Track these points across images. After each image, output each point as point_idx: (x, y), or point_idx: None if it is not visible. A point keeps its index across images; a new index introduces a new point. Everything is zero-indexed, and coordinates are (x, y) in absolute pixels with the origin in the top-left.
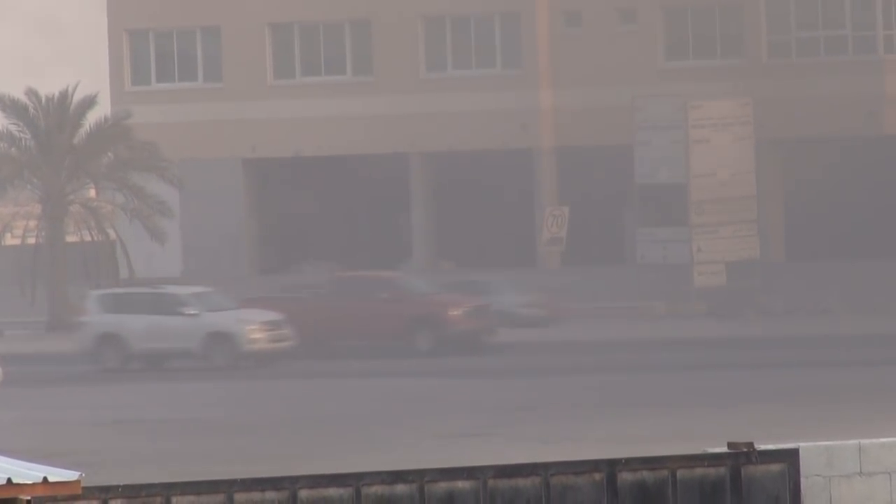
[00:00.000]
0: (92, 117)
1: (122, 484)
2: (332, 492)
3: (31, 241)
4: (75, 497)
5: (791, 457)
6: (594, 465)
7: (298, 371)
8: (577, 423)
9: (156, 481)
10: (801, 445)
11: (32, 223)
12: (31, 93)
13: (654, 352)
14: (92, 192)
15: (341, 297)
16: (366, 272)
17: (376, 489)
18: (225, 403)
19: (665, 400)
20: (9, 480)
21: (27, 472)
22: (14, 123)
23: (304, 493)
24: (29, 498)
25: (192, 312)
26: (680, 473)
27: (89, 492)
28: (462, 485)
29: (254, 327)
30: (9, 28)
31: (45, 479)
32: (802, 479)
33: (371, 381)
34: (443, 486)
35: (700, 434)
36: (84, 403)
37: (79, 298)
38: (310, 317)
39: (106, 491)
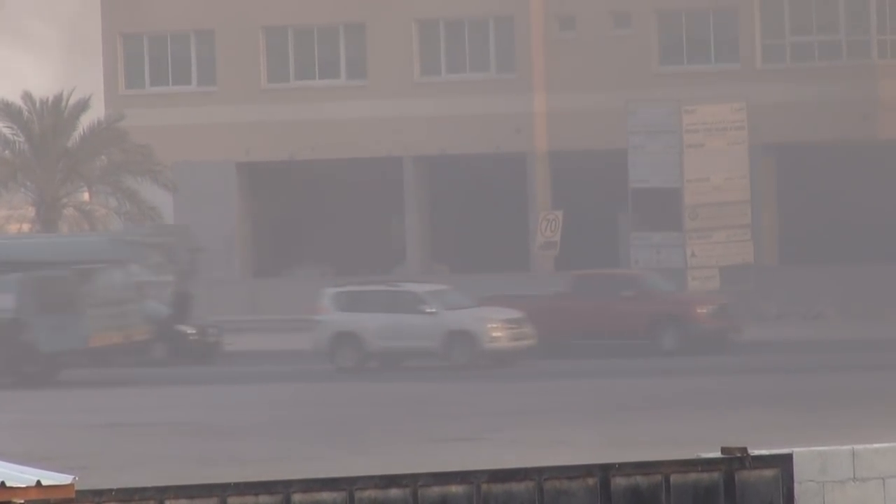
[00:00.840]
0: (86, 120)
1: (115, 487)
2: (326, 496)
3: None
4: (69, 500)
5: (785, 462)
6: (588, 469)
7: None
8: (571, 427)
9: (149, 484)
10: (795, 451)
11: (26, 226)
12: (26, 96)
13: (647, 356)
14: (86, 196)
15: (582, 295)
16: (608, 270)
17: (370, 493)
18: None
19: (658, 404)
20: (2, 484)
21: (20, 476)
22: (8, 126)
23: (297, 497)
24: (22, 501)
25: (432, 310)
26: (673, 478)
27: (83, 495)
28: (455, 489)
29: (494, 325)
30: (2, 31)
31: (38, 482)
32: (796, 485)
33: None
34: (436, 490)
35: (693, 439)
36: (78, 407)
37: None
38: (549, 315)
39: (99, 494)
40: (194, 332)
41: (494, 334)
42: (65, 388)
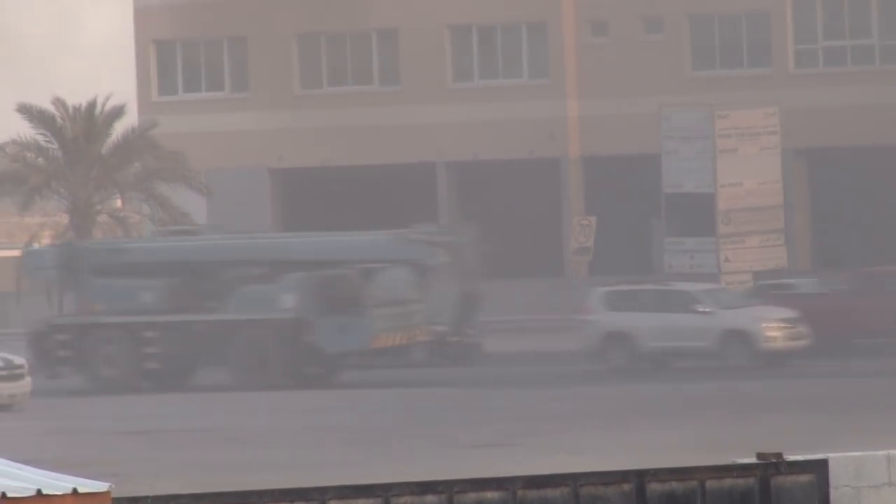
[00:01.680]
0: (119, 127)
1: (150, 495)
2: (361, 502)
3: None
4: None
5: (820, 467)
6: (623, 475)
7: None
8: (605, 432)
9: (182, 492)
10: (830, 456)
11: (60, 233)
12: (59, 102)
13: (681, 360)
14: (119, 203)
15: (862, 293)
16: (891, 267)
17: (405, 500)
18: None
19: (693, 410)
20: (38, 492)
21: (56, 483)
22: (41, 133)
23: None
24: None
25: (706, 310)
26: (709, 484)
27: (119, 503)
28: (491, 495)
29: (770, 325)
30: (36, 39)
31: (74, 490)
32: (831, 490)
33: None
34: (472, 496)
35: (729, 444)
36: (112, 413)
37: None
38: (826, 314)
39: (135, 502)
40: (454, 333)
41: (770, 334)
42: (93, 395)
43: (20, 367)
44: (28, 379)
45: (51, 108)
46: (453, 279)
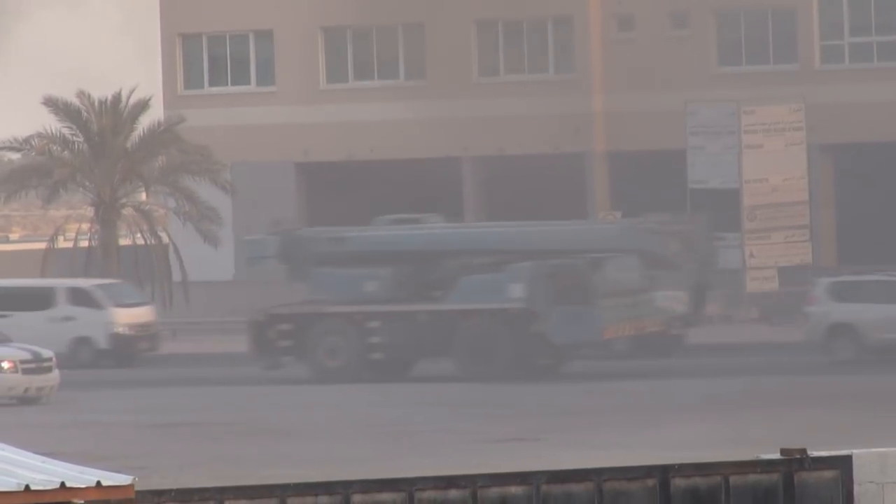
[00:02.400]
0: (145, 121)
1: (174, 488)
2: (386, 496)
3: (84, 243)
4: (128, 501)
5: (844, 463)
6: (647, 471)
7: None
8: (628, 428)
9: (207, 485)
10: (855, 452)
11: (85, 226)
12: (84, 96)
13: (706, 356)
14: (144, 196)
15: None
16: None
17: (429, 494)
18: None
19: (717, 405)
20: (62, 485)
21: (80, 477)
22: (67, 126)
23: (357, 498)
24: (82, 502)
25: None
26: (733, 480)
27: (142, 496)
28: (515, 490)
29: None
30: (62, 33)
31: (98, 483)
32: (856, 486)
33: None
34: (495, 491)
35: (753, 440)
36: (137, 407)
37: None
38: None
39: (159, 495)
40: (687, 324)
41: None
42: (120, 387)
43: (48, 360)
44: (56, 372)
45: (76, 101)
46: (684, 269)
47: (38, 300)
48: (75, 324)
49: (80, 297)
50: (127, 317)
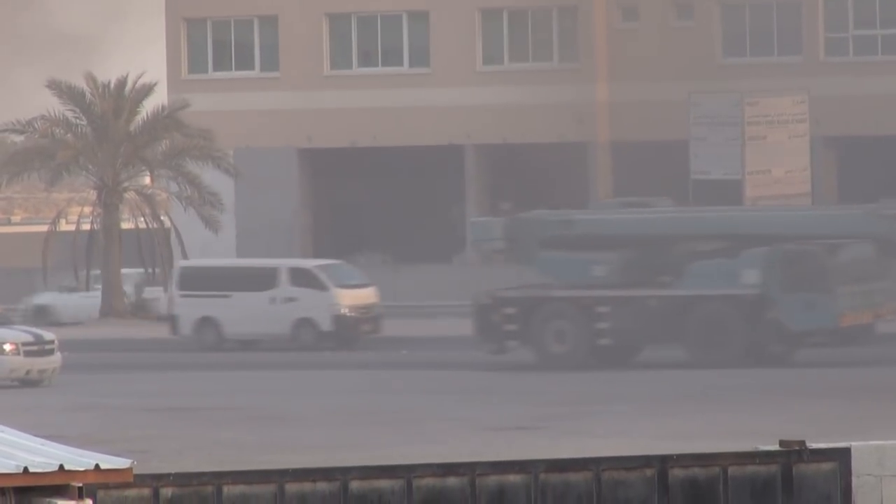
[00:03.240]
0: (149, 105)
1: (173, 472)
2: (384, 483)
3: (86, 227)
4: (126, 485)
5: (843, 456)
6: (646, 460)
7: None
8: (628, 418)
9: (206, 470)
10: (853, 444)
11: (87, 209)
12: (89, 78)
13: (705, 347)
14: (147, 180)
15: None
16: None
17: (427, 481)
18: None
19: (717, 396)
20: (61, 467)
21: (79, 459)
22: (70, 109)
23: (355, 485)
24: (80, 485)
25: None
26: (731, 471)
27: (140, 479)
28: (513, 478)
29: None
30: (67, 16)
31: (96, 466)
32: (854, 479)
33: None
34: (494, 479)
35: (751, 431)
36: (137, 391)
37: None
38: None
39: (157, 479)
40: None
41: None
42: (122, 371)
43: (50, 342)
44: (58, 355)
45: (80, 84)
46: None
47: (260, 280)
48: (297, 305)
49: (303, 278)
50: (351, 298)
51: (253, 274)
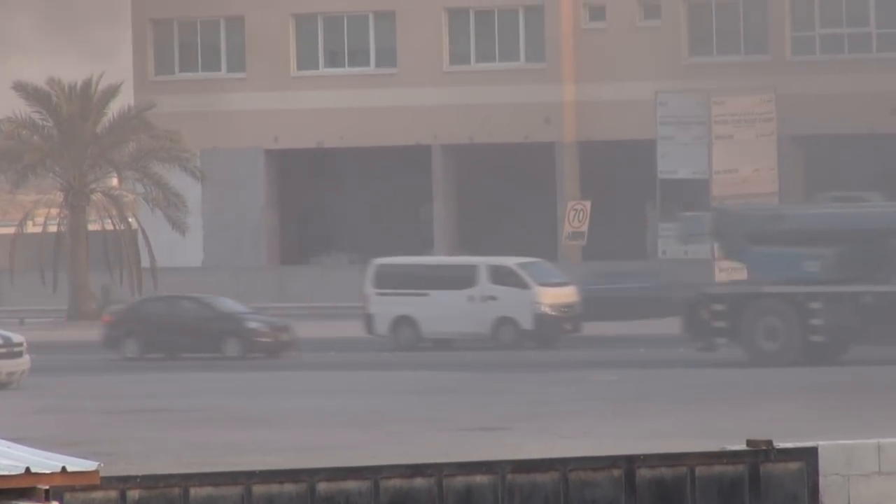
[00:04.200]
0: (115, 107)
1: (140, 474)
2: (351, 484)
3: (53, 228)
4: (93, 487)
5: (810, 455)
6: (613, 461)
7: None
8: (596, 418)
9: (174, 472)
10: (820, 444)
11: (54, 211)
12: (54, 81)
13: (674, 347)
14: (114, 181)
15: None
16: None
17: (395, 482)
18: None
19: (684, 396)
20: (27, 470)
21: (45, 462)
22: (36, 111)
23: (322, 486)
24: (47, 487)
25: None
26: (699, 471)
27: (107, 482)
28: (480, 479)
29: None
30: (31, 17)
31: (63, 468)
32: (821, 478)
33: None
34: (461, 480)
35: (719, 431)
36: (104, 392)
37: None
38: None
39: (124, 481)
40: None
41: None
42: (90, 373)
43: (19, 345)
44: (26, 357)
45: (45, 86)
46: None
47: (459, 279)
48: (498, 303)
49: (504, 276)
50: (552, 296)
51: (452, 272)
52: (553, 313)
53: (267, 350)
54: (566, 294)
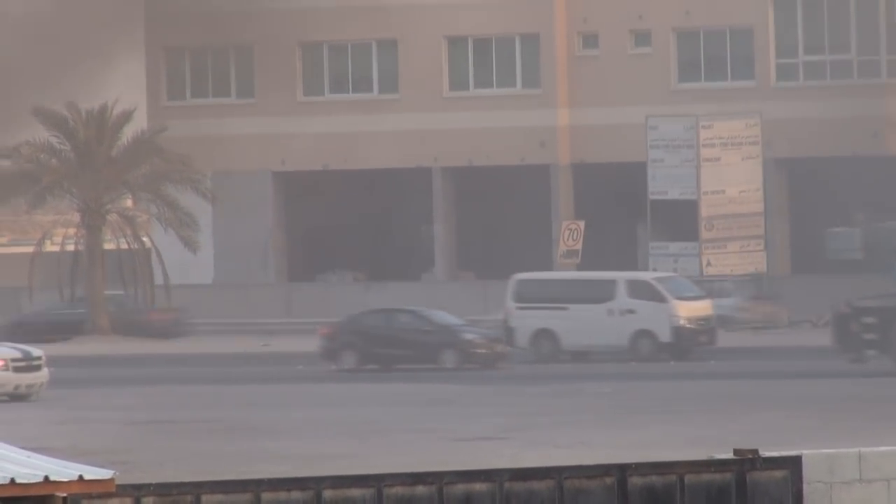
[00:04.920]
0: (129, 131)
1: (154, 482)
2: (356, 492)
3: (71, 247)
4: (109, 494)
5: (794, 464)
6: (606, 469)
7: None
8: (589, 428)
9: (186, 480)
10: (804, 453)
11: (71, 231)
12: (71, 106)
13: (664, 361)
14: (129, 202)
15: None
16: None
17: (397, 490)
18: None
19: (674, 407)
20: (46, 478)
21: (63, 471)
22: (54, 135)
23: (328, 493)
24: (65, 495)
25: None
26: (688, 478)
27: (122, 489)
28: (479, 487)
29: None
30: (49, 44)
31: (80, 477)
32: (805, 486)
33: None
34: (461, 487)
35: (707, 440)
36: (119, 404)
37: None
38: None
39: (138, 489)
40: None
41: None
42: (107, 385)
43: (38, 358)
44: (45, 370)
45: (64, 111)
46: None
47: (597, 293)
48: (636, 317)
49: (642, 290)
50: (689, 310)
51: (590, 286)
52: (690, 326)
53: (482, 361)
54: (702, 307)
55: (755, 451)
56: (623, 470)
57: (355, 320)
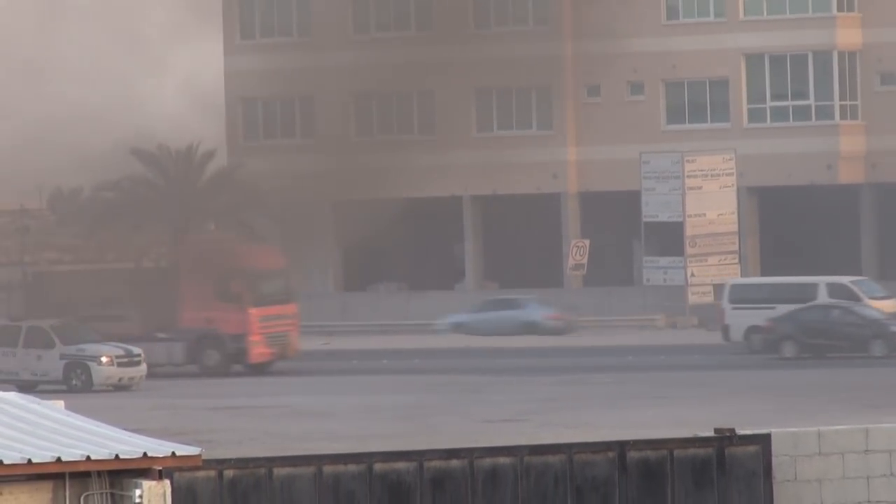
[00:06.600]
0: (212, 167)
1: (233, 457)
2: (401, 465)
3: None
4: (197, 468)
5: (764, 440)
6: (608, 445)
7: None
8: (595, 411)
9: (260, 455)
10: (773, 431)
11: (164, 251)
12: (163, 147)
13: (655, 355)
14: (212, 227)
15: None
16: None
17: (435, 463)
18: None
19: (665, 394)
20: (144, 454)
21: (159, 448)
22: (150, 171)
23: (378, 466)
24: (160, 468)
25: None
26: (676, 453)
27: (208, 463)
28: (503, 460)
29: None
30: (141, 93)
31: (173, 453)
32: (773, 458)
33: None
34: (488, 461)
35: (692, 421)
36: (206, 392)
37: None
38: None
39: (221, 463)
40: None
41: None
42: (196, 377)
43: (138, 355)
44: (143, 365)
45: (156, 151)
46: None
47: (801, 294)
48: None
49: (839, 291)
50: (881, 307)
51: (795, 289)
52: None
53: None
54: (890, 305)
55: (732, 430)
56: (623, 445)
57: (794, 315)
